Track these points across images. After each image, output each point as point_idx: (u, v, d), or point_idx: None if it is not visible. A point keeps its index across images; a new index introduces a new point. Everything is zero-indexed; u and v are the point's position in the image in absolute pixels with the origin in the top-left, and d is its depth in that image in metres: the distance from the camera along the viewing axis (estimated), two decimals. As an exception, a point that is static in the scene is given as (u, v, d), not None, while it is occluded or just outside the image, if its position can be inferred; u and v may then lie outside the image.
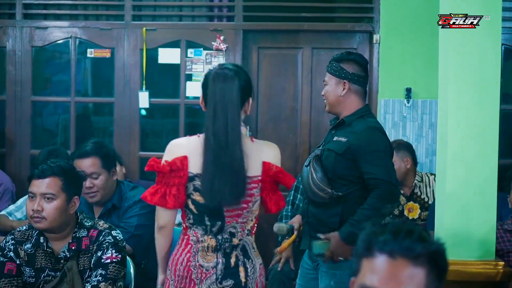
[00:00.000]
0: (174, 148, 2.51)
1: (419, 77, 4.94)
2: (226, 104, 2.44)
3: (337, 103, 3.12)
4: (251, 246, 2.52)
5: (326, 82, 3.16)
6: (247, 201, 2.47)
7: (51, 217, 2.74)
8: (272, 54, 5.28)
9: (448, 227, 2.88)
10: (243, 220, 2.49)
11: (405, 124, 5.03)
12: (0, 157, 5.26)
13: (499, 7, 2.85)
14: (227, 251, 2.47)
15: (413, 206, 4.39)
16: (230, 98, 2.44)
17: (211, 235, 2.47)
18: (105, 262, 2.76)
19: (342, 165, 2.96)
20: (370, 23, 5.10)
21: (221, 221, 2.47)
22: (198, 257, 2.48)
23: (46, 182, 2.77)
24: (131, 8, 5.23)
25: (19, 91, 5.28)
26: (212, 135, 2.44)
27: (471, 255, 2.85)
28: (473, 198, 2.86)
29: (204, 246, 2.47)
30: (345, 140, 2.98)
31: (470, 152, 2.86)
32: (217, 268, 2.46)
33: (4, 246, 2.84)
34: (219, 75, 2.47)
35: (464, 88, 2.87)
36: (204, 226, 2.47)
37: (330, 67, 3.15)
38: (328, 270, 2.99)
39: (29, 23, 5.29)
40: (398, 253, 1.40)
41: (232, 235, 2.47)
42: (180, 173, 2.43)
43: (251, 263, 2.49)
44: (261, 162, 2.49)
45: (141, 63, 5.19)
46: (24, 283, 2.81)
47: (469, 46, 2.86)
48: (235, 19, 5.19)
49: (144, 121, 5.32)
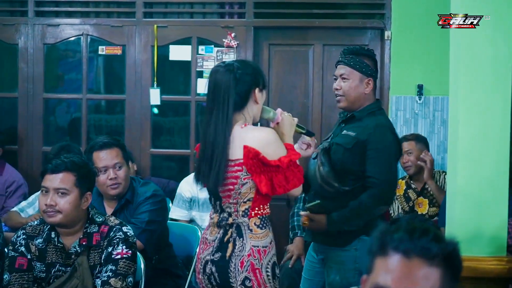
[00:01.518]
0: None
1: (431, 73, 4.92)
2: (215, 94, 2.65)
3: (358, 100, 3.02)
4: (246, 227, 2.63)
5: (347, 77, 3.00)
6: (233, 183, 2.62)
7: (64, 211, 2.74)
8: (283, 51, 5.27)
9: (459, 223, 2.86)
10: (233, 201, 2.64)
11: (417, 121, 5.01)
12: (12, 154, 5.29)
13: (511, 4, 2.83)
14: (227, 228, 2.65)
15: (422, 202, 4.39)
16: (218, 89, 2.65)
17: (217, 213, 2.70)
18: (116, 257, 2.76)
19: (350, 160, 2.93)
20: (382, 19, 5.08)
21: (219, 200, 2.68)
22: (208, 231, 2.73)
23: (59, 177, 2.77)
24: (142, 5, 5.25)
25: (31, 89, 5.31)
26: (204, 125, 2.69)
27: (482, 251, 2.83)
28: (484, 194, 2.84)
29: (213, 222, 2.71)
30: (353, 135, 2.94)
31: (481, 147, 2.84)
32: (215, 241, 2.66)
33: (16, 241, 2.84)
34: (213, 71, 2.71)
35: (475, 84, 2.85)
36: (212, 205, 2.74)
37: (351, 61, 3.01)
38: (334, 265, 2.98)
39: (41, 20, 5.31)
40: (414, 252, 1.37)
41: (229, 215, 2.66)
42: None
43: (242, 241, 2.61)
44: (242, 146, 2.60)
45: (152, 60, 5.21)
46: (35, 278, 2.82)
47: (480, 42, 2.84)
48: (246, 16, 5.19)
49: (155, 118, 5.33)
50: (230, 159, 2.62)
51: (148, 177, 5.05)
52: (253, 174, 2.60)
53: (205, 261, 2.67)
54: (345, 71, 3.01)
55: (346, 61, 3.01)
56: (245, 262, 2.58)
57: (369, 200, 2.89)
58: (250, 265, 2.58)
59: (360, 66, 3.00)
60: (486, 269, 2.80)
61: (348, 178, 2.93)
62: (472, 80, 2.85)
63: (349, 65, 3.01)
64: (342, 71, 3.02)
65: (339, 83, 3.03)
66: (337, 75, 3.05)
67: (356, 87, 3.00)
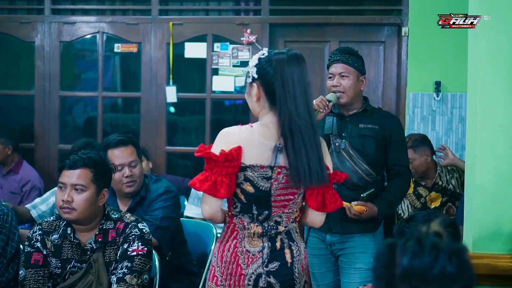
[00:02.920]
0: (228, 137, 2.42)
1: (448, 70, 4.87)
2: (305, 86, 2.40)
3: (356, 96, 3.23)
4: (295, 231, 2.51)
5: (346, 74, 3.19)
6: (294, 193, 2.45)
7: (80, 208, 2.74)
8: (298, 48, 5.16)
9: (478, 220, 2.82)
10: (289, 210, 2.47)
11: (434, 118, 4.96)
12: (29, 152, 5.32)
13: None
14: (272, 236, 2.46)
15: (435, 196, 4.36)
16: (307, 80, 2.42)
17: (257, 223, 2.45)
18: (131, 254, 2.75)
19: (380, 151, 3.20)
20: (399, 15, 5.04)
21: (268, 210, 2.44)
22: (245, 243, 2.45)
23: (76, 173, 2.76)
24: (157, 3, 5.25)
25: (48, 86, 5.33)
26: (295, 117, 2.37)
27: (501, 249, 2.79)
28: (503, 191, 2.80)
29: (250, 233, 2.45)
30: (377, 127, 3.20)
31: (500, 144, 2.80)
32: (263, 252, 2.44)
33: (32, 236, 2.84)
34: (293, 58, 2.41)
35: (494, 81, 2.81)
36: (251, 214, 2.45)
37: (349, 60, 3.20)
38: (366, 250, 3.18)
39: (57, 18, 5.33)
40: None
41: (277, 223, 2.46)
42: (234, 163, 2.37)
43: (296, 245, 2.48)
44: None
45: (168, 57, 5.20)
46: (50, 274, 2.82)
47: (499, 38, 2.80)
48: (262, 13, 5.17)
49: (170, 116, 5.33)
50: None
51: (163, 175, 5.05)
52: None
53: (257, 275, 2.44)
54: (343, 69, 3.21)
55: (344, 59, 3.22)
56: (304, 265, 2.51)
57: (403, 185, 3.26)
58: (306, 267, 2.54)
59: (357, 64, 3.22)
60: (504, 267, 2.75)
61: (376, 168, 3.19)
62: (491, 76, 2.81)
63: (348, 63, 3.21)
64: (340, 69, 3.22)
65: (339, 80, 3.20)
66: (335, 73, 3.23)
67: (355, 83, 3.20)
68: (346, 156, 3.14)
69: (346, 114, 3.26)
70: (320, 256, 3.29)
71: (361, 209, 3.09)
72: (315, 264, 3.29)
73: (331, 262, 3.28)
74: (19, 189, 4.82)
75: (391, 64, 5.11)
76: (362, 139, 3.18)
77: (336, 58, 3.22)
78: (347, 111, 3.25)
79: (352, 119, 3.23)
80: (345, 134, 3.20)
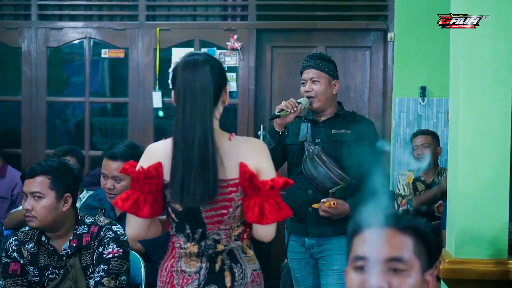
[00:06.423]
0: (149, 153, 2.30)
1: (434, 75, 4.90)
2: (195, 92, 2.19)
3: (328, 101, 3.29)
4: (241, 251, 2.32)
5: (317, 79, 3.25)
6: (226, 206, 2.24)
7: (40, 215, 2.75)
8: (286, 53, 5.26)
9: (460, 225, 2.83)
10: (226, 226, 2.27)
11: (420, 123, 4.99)
12: (16, 157, 5.30)
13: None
14: (213, 255, 2.29)
15: None
16: (201, 85, 2.19)
17: (193, 242, 2.30)
18: (107, 257, 2.77)
19: (354, 155, 3.14)
20: (385, 21, 5.06)
21: (202, 228, 2.27)
22: (181, 263, 2.31)
23: (34, 181, 2.78)
24: (145, 8, 5.25)
25: (35, 92, 5.32)
26: (180, 129, 2.20)
27: (483, 254, 2.80)
28: (485, 195, 2.81)
29: (186, 253, 2.31)
30: (349, 132, 3.23)
31: (482, 149, 2.81)
32: (200, 273, 2.28)
33: (8, 247, 2.87)
34: (189, 62, 2.22)
35: (475, 85, 2.82)
36: (185, 233, 2.30)
37: (320, 65, 3.27)
38: (344, 252, 3.19)
39: (44, 24, 5.33)
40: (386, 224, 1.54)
41: (216, 242, 2.28)
42: (155, 180, 2.24)
43: (240, 267, 2.29)
44: (238, 163, 2.23)
45: (155, 63, 5.21)
46: (29, 282, 2.83)
47: (480, 42, 2.81)
48: (249, 19, 5.18)
49: (158, 120, 5.33)
50: (223, 179, 2.22)
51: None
52: (245, 196, 2.26)
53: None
54: (315, 74, 3.27)
55: (315, 65, 3.28)
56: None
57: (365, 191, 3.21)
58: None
59: (328, 69, 3.28)
60: (487, 272, 2.76)
61: (352, 172, 3.19)
62: (472, 80, 2.82)
63: (318, 68, 3.28)
64: (311, 75, 3.28)
65: (310, 86, 3.28)
66: (306, 79, 3.30)
67: (326, 88, 3.27)
68: (319, 162, 3.18)
69: (320, 120, 3.31)
70: (301, 260, 3.34)
71: (329, 203, 3.14)
72: (296, 268, 3.37)
73: (311, 265, 3.33)
74: (8, 193, 4.80)
75: (377, 69, 5.13)
76: (334, 144, 3.23)
77: (308, 64, 3.29)
78: (320, 117, 3.32)
79: (325, 125, 3.29)
80: (318, 140, 3.26)
